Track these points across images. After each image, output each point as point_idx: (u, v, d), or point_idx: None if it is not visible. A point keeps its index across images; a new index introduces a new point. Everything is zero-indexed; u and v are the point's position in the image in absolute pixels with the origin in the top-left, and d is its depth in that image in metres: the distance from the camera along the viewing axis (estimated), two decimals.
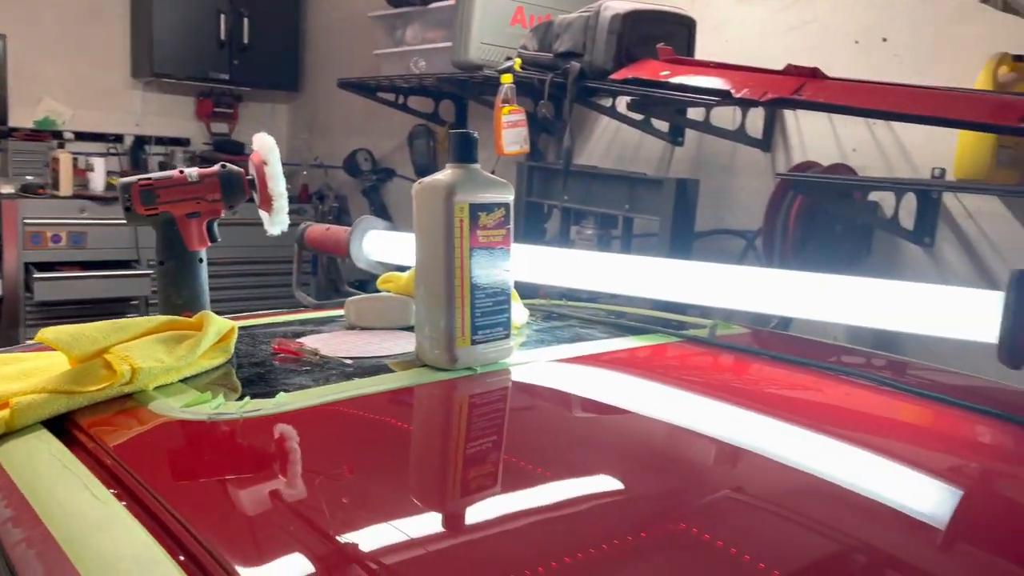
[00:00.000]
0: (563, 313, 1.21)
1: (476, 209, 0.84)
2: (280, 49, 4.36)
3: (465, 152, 0.85)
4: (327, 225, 1.41)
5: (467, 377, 0.84)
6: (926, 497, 0.65)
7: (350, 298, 1.07)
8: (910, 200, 2.07)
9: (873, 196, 2.16)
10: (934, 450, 0.77)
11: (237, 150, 4.21)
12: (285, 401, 0.73)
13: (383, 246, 1.33)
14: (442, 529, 0.55)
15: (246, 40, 4.15)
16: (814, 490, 0.63)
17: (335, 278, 2.43)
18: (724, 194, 2.58)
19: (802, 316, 0.95)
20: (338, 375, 0.83)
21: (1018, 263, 1.97)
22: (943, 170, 2.07)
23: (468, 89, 3.02)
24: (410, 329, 1.03)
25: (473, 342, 0.85)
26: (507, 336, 0.89)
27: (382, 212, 3.98)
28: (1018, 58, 1.90)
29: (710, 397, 0.88)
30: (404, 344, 0.95)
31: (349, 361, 0.88)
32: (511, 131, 2.45)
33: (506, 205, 0.87)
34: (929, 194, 2.07)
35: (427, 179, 0.86)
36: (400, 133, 3.73)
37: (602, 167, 2.70)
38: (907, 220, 2.11)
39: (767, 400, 0.88)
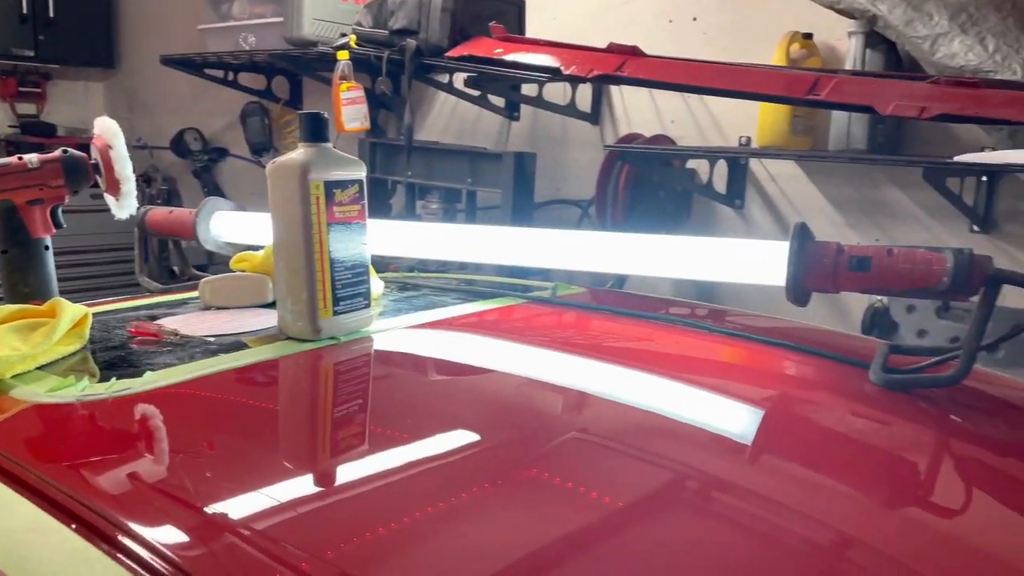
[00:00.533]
0: (416, 283, 1.27)
1: (331, 186, 0.89)
2: (91, 23, 4.07)
3: (317, 131, 0.89)
4: (169, 208, 1.38)
5: (331, 346, 0.89)
6: (744, 422, 0.77)
7: (205, 278, 1.08)
8: (722, 166, 2.29)
9: (691, 164, 2.36)
10: (749, 382, 0.90)
11: (48, 132, 3.91)
12: (153, 379, 0.76)
13: (231, 226, 1.33)
14: (315, 490, 0.59)
15: (52, 13, 3.84)
16: (650, 426, 0.74)
17: (169, 262, 2.36)
18: (559, 166, 2.72)
19: (634, 273, 1.06)
20: (202, 352, 0.85)
21: (812, 217, 2.24)
22: (748, 138, 2.30)
23: (302, 65, 2.97)
24: (268, 306, 1.06)
25: (335, 313, 0.90)
26: (367, 306, 0.94)
27: (216, 192, 3.84)
28: (807, 36, 2.15)
29: (555, 351, 0.98)
30: (264, 320, 0.99)
31: (211, 339, 0.90)
32: (350, 108, 2.46)
33: (359, 182, 0.92)
34: (737, 160, 2.30)
35: (281, 159, 0.89)
36: (231, 111, 3.61)
37: (443, 142, 2.76)
38: (720, 185, 2.33)
39: (606, 350, 0.99)
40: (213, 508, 0.54)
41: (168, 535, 0.50)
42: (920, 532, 0.59)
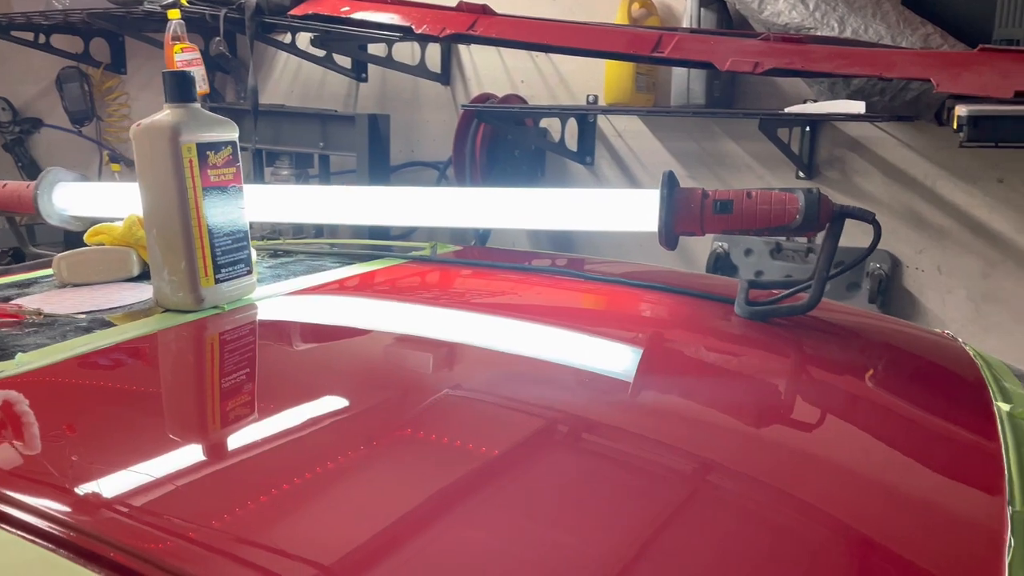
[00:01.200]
0: (288, 250, 1.24)
1: (204, 148, 0.85)
2: None
3: (183, 91, 0.85)
4: (3, 182, 1.26)
5: (216, 315, 0.86)
6: (632, 359, 0.83)
7: (59, 254, 1.00)
8: (572, 125, 2.36)
9: (543, 123, 2.42)
10: (632, 323, 0.96)
11: None
12: (28, 360, 0.71)
13: (77, 199, 1.23)
14: (203, 459, 0.58)
15: None
16: (544, 374, 0.77)
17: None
18: (413, 128, 2.70)
19: (510, 227, 1.09)
20: (75, 331, 0.80)
21: (657, 170, 2.36)
22: (596, 96, 2.39)
23: (125, 25, 2.76)
24: (135, 280, 1.00)
25: (217, 281, 0.87)
26: (249, 272, 0.92)
27: (32, 167, 3.51)
28: None
29: (443, 307, 1.00)
30: (135, 294, 0.93)
31: (81, 316, 0.85)
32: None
33: (232, 143, 0.89)
34: (586, 118, 2.38)
35: (147, 121, 0.84)
36: (44, 77, 3.30)
37: (290, 105, 2.67)
38: (571, 143, 2.41)
39: (493, 304, 1.02)
40: (100, 485, 0.51)
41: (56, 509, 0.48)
42: (804, 441, 0.66)
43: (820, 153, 2.16)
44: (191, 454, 0.58)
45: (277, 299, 0.95)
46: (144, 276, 1.03)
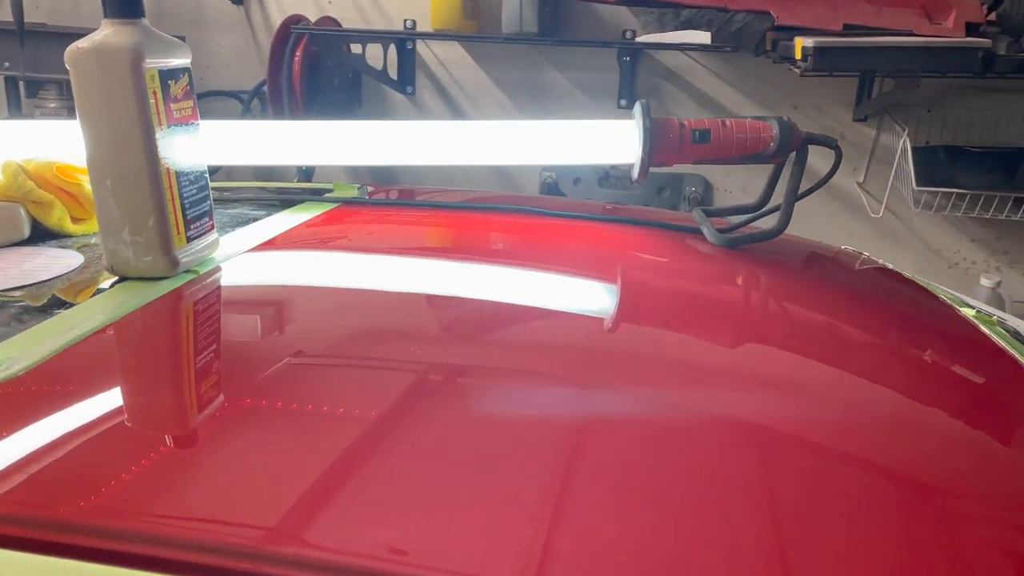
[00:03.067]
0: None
1: (165, 77, 0.68)
2: None
3: (132, 2, 0.67)
4: None
5: (193, 282, 0.71)
6: (619, 293, 0.82)
7: None
8: (392, 52, 2.24)
9: (357, 50, 2.26)
10: (612, 258, 0.94)
11: None
12: (8, 357, 0.54)
13: None
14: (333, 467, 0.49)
15: None
16: (564, 320, 0.74)
17: None
18: (201, 53, 2.39)
19: (473, 163, 1.01)
20: (28, 313, 0.62)
21: (481, 99, 2.34)
22: (414, 21, 2.28)
23: None
24: (26, 243, 0.80)
25: (188, 239, 0.72)
26: (213, 227, 0.77)
27: None
28: None
29: (427, 257, 0.91)
30: (57, 262, 0.74)
31: (18, 293, 0.66)
32: None
33: (187, 70, 0.72)
34: (405, 44, 2.27)
35: (87, 41, 0.65)
36: None
37: (54, 25, 2.23)
38: (392, 71, 2.29)
39: (482, 249, 0.95)
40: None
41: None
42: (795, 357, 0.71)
43: (639, 83, 2.26)
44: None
45: (242, 257, 0.81)
46: (38, 238, 0.83)
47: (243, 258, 0.80)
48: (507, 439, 0.48)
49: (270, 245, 0.85)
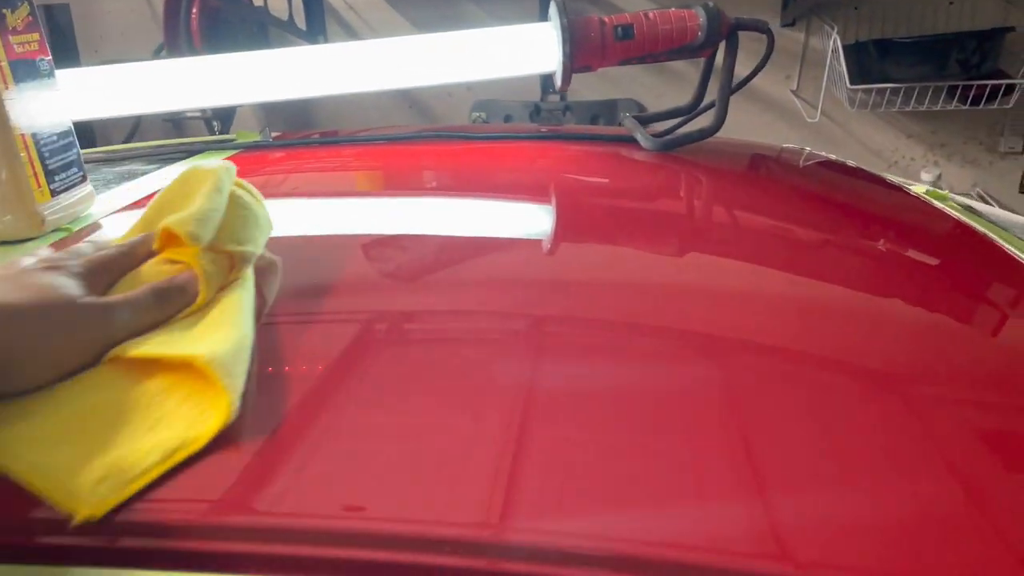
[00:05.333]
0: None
1: None
2: None
3: None
4: None
5: (65, 241, 0.62)
6: (568, 206, 0.75)
7: None
8: (297, 2, 2.11)
9: (259, 3, 2.13)
10: (555, 175, 0.87)
11: None
12: None
13: None
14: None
15: None
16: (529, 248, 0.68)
17: None
18: (92, 23, 2.23)
19: (363, 89, 0.92)
20: None
21: None
22: None
23: None
24: None
25: (53, 193, 0.63)
26: (85, 178, 0.67)
27: None
28: None
29: (326, 196, 0.83)
30: None
31: None
32: None
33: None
34: None
35: None
36: None
37: None
38: (299, 20, 2.16)
39: (410, 182, 0.87)
40: None
41: None
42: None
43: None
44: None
45: (123, 214, 0.71)
46: None
47: (127, 213, 0.71)
48: (459, 377, 0.41)
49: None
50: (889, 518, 0.30)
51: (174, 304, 0.39)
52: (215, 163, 0.46)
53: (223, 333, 0.38)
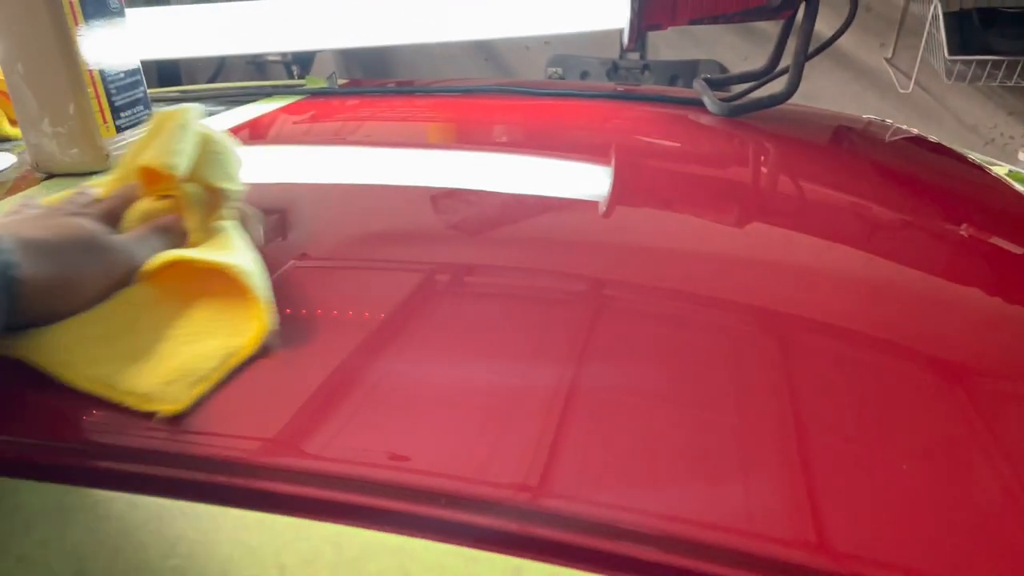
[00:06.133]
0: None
1: None
2: None
3: None
4: None
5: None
6: (577, 181, 0.73)
7: None
8: None
9: None
10: (625, 137, 0.86)
11: None
12: None
13: None
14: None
15: None
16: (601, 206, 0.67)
17: None
18: None
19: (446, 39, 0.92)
20: None
21: None
22: None
23: None
24: None
25: (118, 129, 0.65)
26: (151, 116, 0.69)
27: None
28: None
29: (386, 145, 0.83)
30: None
31: None
32: None
33: None
34: None
35: None
36: None
37: None
38: None
39: (481, 135, 0.87)
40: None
41: None
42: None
43: None
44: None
45: None
46: None
47: None
48: (512, 337, 0.41)
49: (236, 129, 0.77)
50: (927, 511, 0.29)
51: (172, 238, 0.43)
52: (182, 106, 0.48)
53: (236, 253, 0.41)
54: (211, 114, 0.87)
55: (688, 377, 0.37)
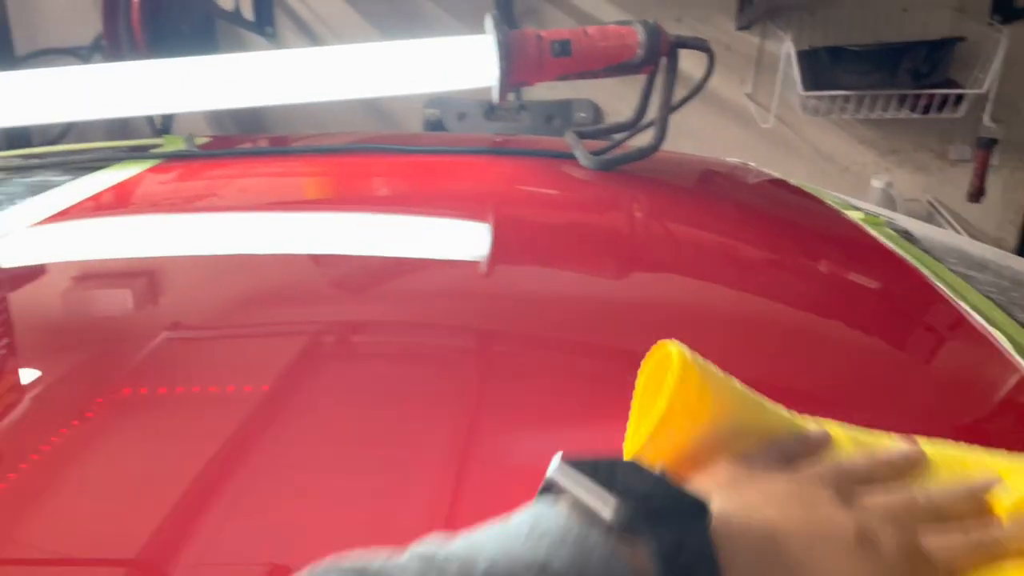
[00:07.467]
0: None
1: None
2: None
3: None
4: None
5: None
6: (501, 228, 0.73)
7: None
8: None
9: None
10: (488, 193, 0.85)
11: None
12: None
13: None
14: None
15: None
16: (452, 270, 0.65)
17: None
18: (27, 8, 2.14)
19: (305, 100, 0.88)
20: None
21: (350, 37, 2.17)
22: None
23: None
24: None
25: None
26: None
27: None
28: None
29: (265, 211, 0.79)
30: None
31: None
32: None
33: None
34: None
35: None
36: None
37: None
38: (246, 10, 2.10)
39: (327, 199, 0.84)
40: None
41: None
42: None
43: (516, 5, 2.13)
44: None
45: (26, 231, 0.67)
46: None
47: (27, 232, 0.66)
48: (391, 407, 0.39)
49: (65, 215, 0.71)
50: None
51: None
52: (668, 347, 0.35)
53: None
54: (52, 186, 0.80)
55: None
